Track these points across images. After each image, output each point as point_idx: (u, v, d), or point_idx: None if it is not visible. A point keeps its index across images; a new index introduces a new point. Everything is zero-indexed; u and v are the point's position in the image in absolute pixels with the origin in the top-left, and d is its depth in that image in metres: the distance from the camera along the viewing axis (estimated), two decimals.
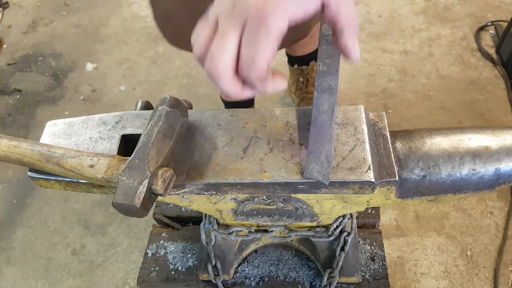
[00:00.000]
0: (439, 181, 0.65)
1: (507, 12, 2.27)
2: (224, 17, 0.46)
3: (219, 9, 0.47)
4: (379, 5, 2.49)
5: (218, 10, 0.47)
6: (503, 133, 0.66)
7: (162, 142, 0.58)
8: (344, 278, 0.92)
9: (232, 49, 0.46)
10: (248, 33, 0.44)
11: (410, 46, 2.23)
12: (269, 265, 0.99)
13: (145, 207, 0.54)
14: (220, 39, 0.46)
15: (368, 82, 2.09)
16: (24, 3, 2.97)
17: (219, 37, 0.46)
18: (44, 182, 0.70)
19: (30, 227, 1.77)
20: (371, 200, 0.68)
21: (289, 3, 0.44)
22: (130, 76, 2.33)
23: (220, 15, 0.46)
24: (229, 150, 0.64)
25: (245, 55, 0.45)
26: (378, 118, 0.69)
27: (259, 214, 0.77)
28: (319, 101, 0.60)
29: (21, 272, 1.63)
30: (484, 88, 1.99)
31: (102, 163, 0.60)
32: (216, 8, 0.48)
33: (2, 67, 2.53)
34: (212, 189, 0.63)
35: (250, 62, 0.45)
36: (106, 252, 1.65)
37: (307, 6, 0.46)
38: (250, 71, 0.46)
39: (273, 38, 0.44)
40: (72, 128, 0.72)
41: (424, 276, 1.44)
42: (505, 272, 1.43)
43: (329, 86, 0.59)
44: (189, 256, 1.04)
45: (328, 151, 0.58)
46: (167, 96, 0.62)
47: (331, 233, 0.85)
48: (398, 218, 1.59)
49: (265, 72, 0.46)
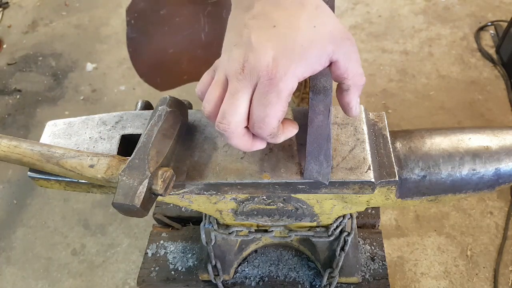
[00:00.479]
0: (439, 181, 0.65)
1: (507, 12, 2.27)
2: (234, 77, 0.46)
3: (227, 68, 0.47)
4: (379, 5, 2.49)
5: (226, 69, 0.48)
6: (503, 133, 0.66)
7: (162, 142, 0.58)
8: (344, 278, 0.92)
9: (244, 108, 0.46)
10: (259, 95, 0.45)
11: (410, 46, 2.23)
12: (269, 265, 0.99)
13: (145, 207, 0.54)
14: (231, 99, 0.46)
15: (368, 82, 2.09)
16: (24, 3, 2.97)
17: (230, 97, 0.47)
18: (44, 182, 0.70)
19: (30, 227, 1.77)
20: (371, 200, 0.68)
21: (299, 65, 0.44)
22: (130, 76, 2.33)
23: (230, 75, 0.47)
24: (229, 150, 0.64)
25: (256, 115, 0.46)
26: (378, 118, 0.69)
27: (259, 214, 0.77)
28: (315, 102, 0.60)
29: (21, 272, 1.63)
30: (484, 88, 1.99)
31: (102, 163, 0.60)
32: (224, 66, 0.48)
33: (2, 67, 2.53)
34: (212, 189, 0.63)
35: (261, 122, 0.46)
36: (106, 252, 1.65)
37: (316, 66, 0.46)
38: (262, 130, 0.47)
39: (283, 100, 0.45)
40: (72, 128, 0.72)
41: (424, 276, 1.44)
42: (505, 272, 1.43)
43: (324, 87, 0.59)
44: (189, 256, 1.04)
45: (326, 151, 0.58)
46: (167, 96, 0.62)
47: (331, 233, 0.85)
48: (398, 218, 1.59)
49: (276, 130, 0.47)
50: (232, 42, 0.48)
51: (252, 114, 0.46)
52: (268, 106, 0.45)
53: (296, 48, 0.44)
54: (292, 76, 0.44)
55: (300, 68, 0.44)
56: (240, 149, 0.50)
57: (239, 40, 0.46)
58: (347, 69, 0.47)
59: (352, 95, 0.50)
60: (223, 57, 0.49)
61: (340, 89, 0.51)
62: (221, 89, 0.48)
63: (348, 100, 0.51)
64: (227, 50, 0.49)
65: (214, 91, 0.49)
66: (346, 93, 0.50)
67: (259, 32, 0.45)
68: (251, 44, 0.45)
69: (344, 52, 0.46)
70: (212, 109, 0.49)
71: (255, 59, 0.44)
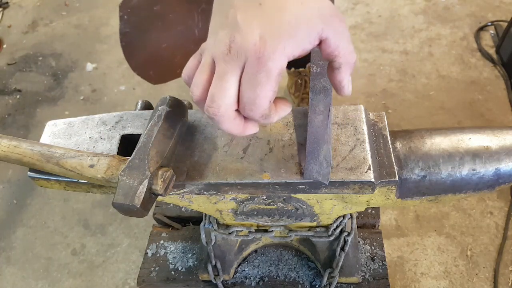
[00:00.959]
0: (439, 181, 0.65)
1: (507, 12, 2.27)
2: (221, 59, 0.45)
3: (214, 51, 0.46)
4: (379, 5, 2.49)
5: (213, 51, 0.46)
6: (503, 133, 0.66)
7: (162, 142, 0.58)
8: (344, 278, 0.92)
9: (233, 90, 0.45)
10: (248, 76, 0.44)
11: (410, 46, 2.23)
12: (269, 265, 0.99)
13: (145, 207, 0.54)
14: (220, 81, 0.45)
15: (368, 82, 2.09)
16: (24, 3, 2.97)
17: (218, 79, 0.45)
18: (44, 182, 0.70)
19: (30, 227, 1.77)
20: (371, 200, 0.68)
21: (288, 43, 0.43)
22: (130, 76, 2.33)
23: (216, 57, 0.45)
24: (229, 150, 0.64)
25: (246, 97, 0.45)
26: (378, 118, 0.69)
27: (259, 214, 0.77)
28: (315, 102, 0.60)
29: (21, 272, 1.63)
30: (484, 88, 1.99)
31: (102, 163, 0.60)
32: (211, 49, 0.47)
33: (2, 67, 2.53)
34: (212, 189, 0.63)
35: (252, 104, 0.45)
36: (106, 252, 1.65)
37: (305, 44, 0.45)
38: (253, 112, 0.46)
39: (273, 79, 0.44)
40: (72, 128, 0.72)
41: (424, 276, 1.44)
42: (505, 272, 1.43)
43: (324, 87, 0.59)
44: (189, 256, 1.04)
45: (326, 151, 0.58)
46: (167, 96, 0.62)
47: (331, 233, 0.85)
48: (398, 218, 1.59)
49: (268, 110, 0.46)
50: (218, 24, 0.47)
51: (242, 96, 0.45)
52: (258, 86, 0.43)
53: (284, 25, 0.43)
54: (281, 54, 0.43)
55: (289, 46, 0.43)
56: (232, 133, 0.49)
57: (225, 21, 0.45)
58: (337, 46, 0.46)
59: (344, 73, 0.49)
60: (209, 40, 0.48)
61: (331, 67, 0.49)
62: (208, 72, 0.47)
63: (340, 78, 0.50)
64: (213, 33, 0.47)
65: (201, 75, 0.48)
66: (338, 72, 0.49)
67: (245, 11, 0.44)
68: (237, 24, 0.43)
69: (334, 29, 0.45)
70: (201, 93, 0.48)
71: (242, 38, 0.43)
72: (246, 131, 0.50)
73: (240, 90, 0.45)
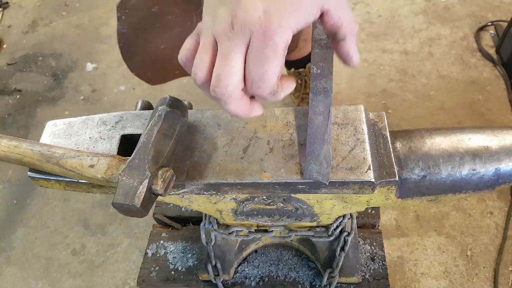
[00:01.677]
0: (439, 181, 0.65)
1: (507, 12, 2.27)
2: (224, 36, 0.43)
3: (215, 29, 0.44)
4: (379, 5, 2.49)
5: (213, 29, 0.44)
6: (503, 133, 0.66)
7: (162, 142, 0.58)
8: (344, 278, 0.92)
9: (239, 68, 0.44)
10: (254, 52, 0.43)
11: (410, 46, 2.23)
12: (269, 265, 0.99)
13: (145, 207, 0.54)
14: (225, 60, 0.43)
15: (368, 82, 2.09)
16: (24, 3, 2.97)
17: (223, 58, 0.44)
18: (44, 182, 0.70)
19: (30, 227, 1.77)
20: (371, 200, 0.68)
21: (292, 16, 0.43)
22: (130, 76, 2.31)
23: (218, 35, 0.44)
24: (229, 150, 0.64)
25: (254, 73, 0.43)
26: (378, 118, 0.69)
27: (259, 214, 0.77)
28: (315, 103, 0.60)
29: (21, 272, 1.63)
30: (484, 88, 1.99)
31: (102, 163, 0.60)
32: (210, 28, 0.45)
33: (2, 67, 2.53)
34: (212, 189, 0.63)
35: (260, 81, 0.44)
36: (106, 252, 1.65)
37: (308, 16, 0.44)
38: (261, 89, 0.44)
39: (280, 54, 0.43)
40: (72, 128, 0.72)
41: (424, 276, 1.44)
42: (505, 272, 1.43)
43: (324, 88, 0.59)
44: (189, 256, 1.04)
45: (326, 151, 0.58)
46: (167, 96, 0.62)
47: (331, 233, 0.85)
48: (398, 218, 1.59)
49: (276, 86, 0.45)
50: (215, 2, 0.45)
51: (249, 73, 0.44)
52: (266, 62, 0.42)
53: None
54: (287, 27, 0.42)
55: (293, 19, 0.43)
56: (238, 115, 0.48)
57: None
58: (339, 17, 0.46)
59: (350, 43, 0.49)
60: (207, 20, 0.46)
61: (336, 40, 0.49)
62: (211, 53, 0.45)
63: (347, 49, 0.49)
64: (210, 11, 0.46)
65: (203, 56, 0.46)
66: (344, 43, 0.49)
67: None
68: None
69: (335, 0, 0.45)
70: (205, 74, 0.46)
71: (245, 13, 0.41)
72: (252, 112, 0.49)
73: (246, 68, 0.44)
